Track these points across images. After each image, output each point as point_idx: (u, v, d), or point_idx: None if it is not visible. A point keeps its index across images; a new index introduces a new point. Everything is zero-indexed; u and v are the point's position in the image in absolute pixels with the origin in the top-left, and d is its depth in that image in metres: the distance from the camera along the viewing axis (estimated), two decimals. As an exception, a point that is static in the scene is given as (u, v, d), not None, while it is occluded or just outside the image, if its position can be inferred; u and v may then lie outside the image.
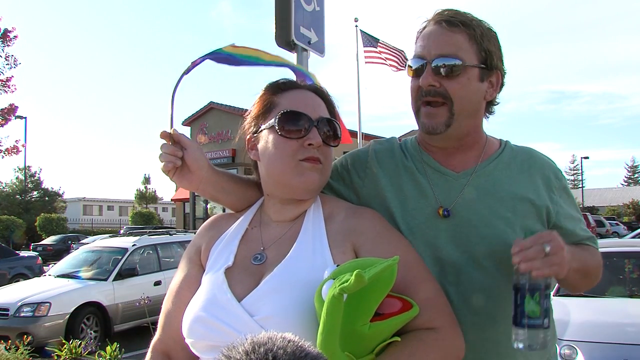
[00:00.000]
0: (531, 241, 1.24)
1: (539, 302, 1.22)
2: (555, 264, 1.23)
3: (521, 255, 1.23)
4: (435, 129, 1.44)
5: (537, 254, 1.22)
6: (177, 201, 34.97)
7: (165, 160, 1.40)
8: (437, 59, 1.41)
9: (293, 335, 0.84)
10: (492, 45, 1.46)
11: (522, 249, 1.23)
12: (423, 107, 1.45)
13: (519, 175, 1.51)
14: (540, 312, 1.22)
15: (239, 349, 0.80)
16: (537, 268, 1.21)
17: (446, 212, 1.45)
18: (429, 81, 1.41)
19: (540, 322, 1.22)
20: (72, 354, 7.04)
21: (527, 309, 1.22)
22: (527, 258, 1.22)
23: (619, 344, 4.10)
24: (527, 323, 1.22)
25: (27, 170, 38.27)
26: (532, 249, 1.23)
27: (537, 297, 1.22)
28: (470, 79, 1.42)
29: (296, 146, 1.35)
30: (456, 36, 1.42)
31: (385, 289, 1.13)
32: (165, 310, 1.42)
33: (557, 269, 1.24)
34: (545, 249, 1.22)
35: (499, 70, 1.49)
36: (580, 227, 1.56)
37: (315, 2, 3.09)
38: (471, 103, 1.45)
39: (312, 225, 1.37)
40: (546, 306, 1.23)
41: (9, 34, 18.42)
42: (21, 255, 15.36)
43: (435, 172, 1.51)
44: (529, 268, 1.22)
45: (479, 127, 1.53)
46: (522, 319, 1.23)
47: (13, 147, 18.32)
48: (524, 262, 1.22)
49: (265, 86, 1.47)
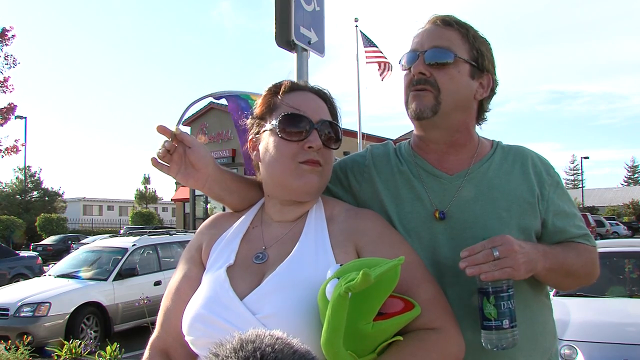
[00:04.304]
0: (481, 246, 1.27)
1: (495, 305, 1.25)
2: (507, 266, 1.25)
3: (467, 260, 1.26)
4: (422, 112, 1.45)
5: (485, 258, 1.25)
6: (177, 201, 35.00)
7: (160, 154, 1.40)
8: (430, 49, 1.46)
9: (281, 333, 0.84)
10: (484, 48, 1.50)
11: (470, 254, 1.26)
12: (410, 93, 1.48)
13: (511, 173, 1.52)
14: (497, 314, 1.25)
15: (227, 347, 0.80)
16: (485, 272, 1.24)
17: (442, 214, 1.46)
18: (419, 69, 1.45)
19: (500, 324, 1.25)
20: (72, 354, 7.04)
21: (485, 311, 1.27)
22: (473, 262, 1.25)
23: (619, 344, 4.10)
24: (487, 325, 1.27)
25: (27, 170, 38.27)
26: (480, 253, 1.25)
27: (493, 299, 1.26)
28: (460, 73, 1.46)
29: (296, 148, 1.35)
30: (450, 32, 1.47)
31: (388, 288, 1.13)
32: (165, 307, 1.42)
33: (509, 271, 1.26)
34: (494, 253, 1.25)
35: (490, 73, 1.52)
36: (574, 223, 1.54)
37: (315, 2, 3.09)
38: (459, 95, 1.47)
39: (314, 226, 1.38)
40: (505, 307, 1.26)
41: (7, 33, 18.38)
42: (21, 255, 15.35)
43: (430, 176, 1.53)
44: (476, 272, 1.25)
45: (469, 126, 1.54)
46: (483, 321, 1.27)
47: (13, 147, 18.31)
48: (469, 267, 1.25)
49: (267, 87, 1.47)
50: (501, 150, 1.57)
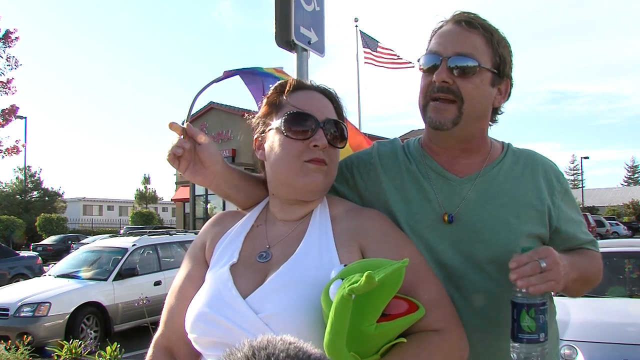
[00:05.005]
0: (527, 257, 1.24)
1: (534, 318, 1.24)
2: (552, 279, 1.24)
3: (518, 272, 1.23)
4: (442, 125, 1.42)
5: (533, 270, 1.22)
6: (177, 201, 34.96)
7: (172, 150, 1.38)
8: (454, 56, 1.40)
9: (292, 337, 0.81)
10: (506, 53, 1.46)
11: (519, 265, 1.24)
12: (432, 102, 1.44)
13: (521, 179, 1.50)
14: (535, 328, 1.23)
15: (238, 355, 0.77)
16: (533, 284, 1.22)
17: (450, 217, 1.45)
18: (443, 77, 1.40)
19: (537, 337, 1.23)
20: (72, 354, 7.04)
21: (523, 324, 1.24)
22: (523, 274, 1.23)
23: (619, 344, 4.10)
24: (524, 338, 1.24)
25: (27, 170, 38.27)
26: (528, 265, 1.23)
27: (533, 312, 1.24)
28: (483, 82, 1.42)
29: (302, 147, 1.35)
30: (474, 37, 1.42)
31: (392, 290, 1.13)
32: (168, 305, 1.42)
33: (553, 285, 1.25)
34: (541, 265, 1.23)
35: (509, 78, 1.49)
36: (582, 230, 1.55)
37: (315, 2, 3.09)
38: (481, 105, 1.44)
39: (318, 225, 1.38)
40: (542, 321, 1.24)
41: (11, 35, 18.38)
42: (21, 255, 15.35)
43: (439, 177, 1.50)
44: (526, 285, 1.22)
45: (484, 131, 1.53)
46: (519, 333, 1.24)
47: (13, 147, 18.30)
48: (520, 280, 1.23)
49: (273, 86, 1.47)
50: (512, 154, 1.55)
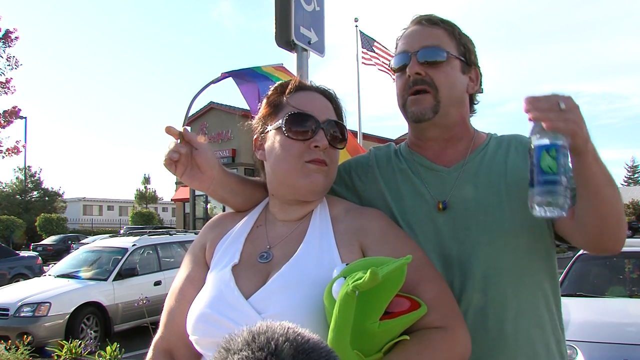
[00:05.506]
0: (544, 97, 1.15)
1: (555, 157, 1.12)
2: (571, 120, 1.12)
3: (532, 103, 1.14)
4: (424, 115, 1.47)
5: (550, 106, 1.13)
6: (177, 201, 34.99)
7: (168, 155, 1.38)
8: (422, 50, 1.48)
9: (290, 323, 0.82)
10: (469, 44, 1.55)
11: (534, 101, 1.14)
12: (409, 97, 1.50)
13: (507, 155, 1.53)
14: (557, 168, 1.12)
15: (238, 340, 0.78)
16: (551, 120, 1.11)
17: (444, 204, 1.48)
18: (415, 69, 1.47)
19: (558, 178, 1.12)
20: (72, 354, 7.05)
21: (543, 164, 1.13)
22: (539, 108, 1.13)
23: (619, 344, 4.11)
24: (544, 179, 1.13)
25: (27, 170, 38.31)
26: (544, 100, 1.14)
27: (554, 151, 1.12)
28: (453, 69, 1.49)
29: (302, 148, 1.36)
30: (437, 31, 1.51)
31: (395, 287, 1.13)
32: (168, 307, 1.42)
33: (573, 126, 1.13)
34: (560, 105, 1.13)
35: (477, 67, 1.56)
36: None
37: (315, 2, 3.09)
38: (455, 91, 1.50)
39: (319, 225, 1.38)
40: (564, 162, 1.13)
41: (11, 35, 18.40)
42: (21, 255, 15.37)
43: (428, 170, 1.55)
44: (542, 118, 1.12)
45: (465, 118, 1.57)
46: (539, 176, 1.14)
47: (14, 148, 18.32)
48: (534, 111, 1.13)
49: (273, 86, 1.48)
50: (495, 139, 1.59)
